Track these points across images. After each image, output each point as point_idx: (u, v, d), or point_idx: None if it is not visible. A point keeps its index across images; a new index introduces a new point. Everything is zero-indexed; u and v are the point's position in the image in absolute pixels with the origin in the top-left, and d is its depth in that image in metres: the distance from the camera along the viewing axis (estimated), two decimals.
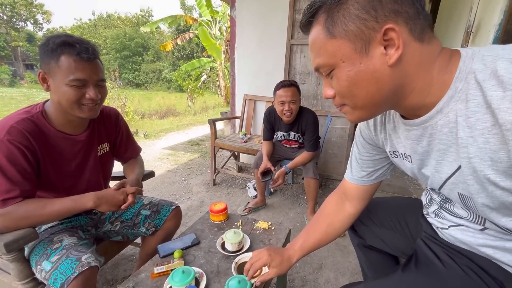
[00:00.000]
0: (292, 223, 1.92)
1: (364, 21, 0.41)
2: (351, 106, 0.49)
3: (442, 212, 0.61)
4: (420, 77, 0.44)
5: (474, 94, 0.40)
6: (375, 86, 0.45)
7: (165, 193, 2.35)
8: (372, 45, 0.42)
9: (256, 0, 2.43)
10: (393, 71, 0.43)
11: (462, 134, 0.43)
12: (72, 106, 0.82)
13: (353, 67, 0.44)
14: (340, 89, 0.48)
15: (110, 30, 25.96)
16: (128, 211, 1.10)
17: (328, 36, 0.44)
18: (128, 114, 5.97)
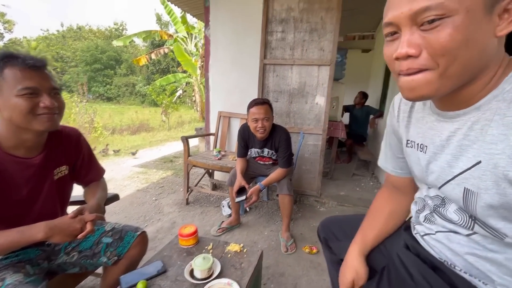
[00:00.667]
0: (267, 242, 1.90)
1: None
2: (441, 70, 0.42)
3: (434, 216, 0.60)
4: (496, 66, 0.44)
5: None
6: (481, 54, 0.41)
7: (133, 215, 2.21)
8: (497, 7, 0.39)
9: (230, 21, 2.49)
10: (496, 45, 0.41)
11: (494, 131, 0.43)
12: (27, 118, 0.75)
13: (474, 22, 0.38)
14: (446, 44, 0.39)
15: (81, 42, 24.99)
16: (87, 240, 1.01)
17: None
18: (96, 129, 5.67)
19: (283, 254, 1.76)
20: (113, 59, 23.23)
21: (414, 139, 0.61)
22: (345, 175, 3.40)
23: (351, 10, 3.93)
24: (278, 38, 2.34)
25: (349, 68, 5.07)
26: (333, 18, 2.18)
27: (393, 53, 0.45)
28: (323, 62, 2.27)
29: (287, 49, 2.34)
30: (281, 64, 2.37)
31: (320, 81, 2.33)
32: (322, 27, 2.23)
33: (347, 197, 2.65)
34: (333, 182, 3.13)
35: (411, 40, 0.42)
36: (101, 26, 29.97)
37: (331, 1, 2.16)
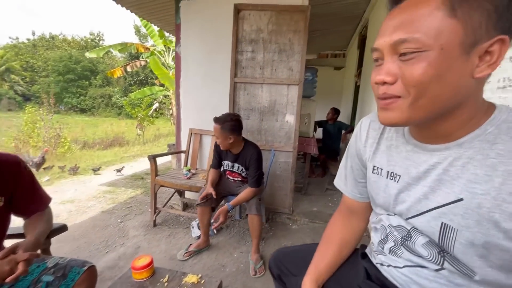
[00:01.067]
0: (236, 265, 1.84)
1: (488, 19, 0.38)
2: (412, 99, 0.44)
3: (401, 249, 0.59)
4: (473, 106, 0.45)
5: (504, 139, 0.43)
6: (452, 91, 0.42)
7: (94, 239, 2.07)
8: (475, 49, 0.39)
9: (201, 39, 2.51)
10: (471, 86, 0.42)
11: (478, 171, 0.44)
12: None
13: (448, 60, 0.40)
14: (417, 77, 0.41)
15: (53, 52, 23.99)
16: (24, 280, 0.91)
17: (447, 12, 0.39)
18: (64, 144, 5.35)
19: (251, 277, 1.71)
20: (88, 70, 22.47)
21: (383, 166, 0.61)
22: (319, 190, 3.44)
23: (322, 31, 4.13)
24: (248, 58, 2.38)
25: (322, 85, 5.27)
26: (301, 40, 2.27)
27: (374, 78, 0.48)
28: (292, 82, 2.33)
29: (257, 68, 2.38)
30: (252, 83, 2.40)
31: (290, 100, 2.38)
32: (290, 48, 2.30)
33: (319, 214, 2.67)
34: (306, 197, 3.15)
35: (389, 68, 0.45)
36: (76, 36, 29.02)
37: (298, 24, 2.25)
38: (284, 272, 0.87)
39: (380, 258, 0.66)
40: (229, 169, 2.00)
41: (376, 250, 0.68)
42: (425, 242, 0.54)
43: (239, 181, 2.03)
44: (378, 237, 0.67)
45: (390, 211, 0.61)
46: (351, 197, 0.76)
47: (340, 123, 3.95)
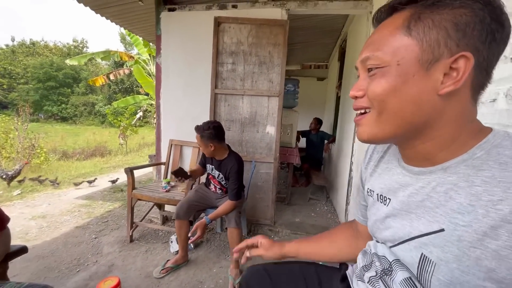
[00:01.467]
0: (215, 280, 1.79)
1: (447, 36, 0.39)
2: (376, 113, 0.46)
3: (379, 283, 0.56)
4: (451, 127, 0.43)
5: (492, 165, 0.39)
6: (413, 106, 0.42)
7: (65, 257, 1.96)
8: (437, 65, 0.40)
9: (181, 50, 2.50)
10: (437, 102, 0.41)
11: (462, 200, 0.41)
12: None
13: (404, 75, 0.41)
14: (376, 90, 0.44)
15: (34, 59, 23.26)
16: None
17: (404, 31, 0.42)
18: (39, 155, 5.12)
19: None
20: (70, 77, 21.93)
21: (375, 189, 0.60)
22: (302, 200, 3.45)
23: (303, 43, 4.24)
24: (229, 69, 2.39)
25: (306, 95, 5.37)
26: (280, 53, 2.31)
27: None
28: (272, 93, 2.35)
29: (237, 80, 2.39)
30: (232, 94, 2.41)
31: (270, 111, 2.39)
32: (270, 61, 2.34)
33: (301, 224, 2.66)
34: (289, 207, 3.15)
35: (360, 84, 0.48)
36: (59, 43, 28.28)
37: (277, 37, 2.29)
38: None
39: (359, 284, 0.63)
40: (211, 173, 1.99)
41: (358, 274, 0.66)
42: (404, 279, 0.49)
43: (219, 191, 2.00)
44: (363, 262, 0.64)
45: (377, 237, 0.59)
46: (356, 219, 0.77)
47: (323, 133, 4.01)
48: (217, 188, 2.01)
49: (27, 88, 21.21)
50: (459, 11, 0.39)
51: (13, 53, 24.99)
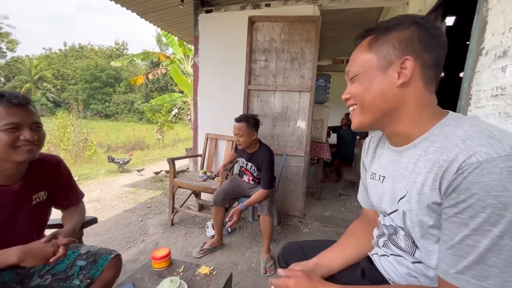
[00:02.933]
0: (248, 263, 1.92)
1: (394, 48, 0.57)
2: (359, 107, 0.63)
3: (389, 243, 0.70)
4: (413, 110, 0.58)
5: (441, 139, 0.53)
6: (381, 97, 0.59)
7: (118, 236, 2.24)
8: (391, 68, 0.57)
9: (217, 49, 2.66)
10: (396, 92, 0.58)
11: (421, 164, 0.55)
12: (7, 150, 0.84)
13: (370, 78, 0.60)
14: (355, 92, 0.63)
15: (82, 61, 25.61)
16: (61, 263, 1.06)
17: (367, 49, 0.60)
18: (90, 148, 5.73)
19: (262, 276, 1.78)
20: (113, 77, 23.71)
21: (377, 171, 0.72)
22: (332, 195, 3.46)
23: (335, 37, 4.18)
24: (262, 66, 2.50)
25: (338, 90, 5.27)
26: (312, 49, 2.35)
27: None
28: (303, 88, 2.41)
29: (270, 76, 2.49)
30: (265, 90, 2.51)
31: (301, 106, 2.46)
32: (302, 57, 2.39)
33: (330, 218, 2.70)
34: (319, 202, 3.18)
35: (348, 89, 0.66)
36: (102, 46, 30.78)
37: (309, 34, 2.34)
38: (289, 265, 0.95)
39: (376, 250, 0.76)
40: (244, 166, 2.14)
41: (374, 243, 0.78)
42: (404, 234, 0.64)
43: (252, 181, 2.13)
44: (377, 232, 0.77)
45: (381, 211, 0.72)
46: (364, 206, 0.87)
47: None
48: (250, 179, 2.14)
49: (76, 88, 23.44)
50: (401, 32, 0.57)
51: (65, 56, 27.77)
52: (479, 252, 0.45)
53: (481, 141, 0.46)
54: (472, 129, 0.49)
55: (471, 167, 0.45)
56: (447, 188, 0.49)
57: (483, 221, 0.44)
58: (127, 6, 2.82)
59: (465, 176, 0.45)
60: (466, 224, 0.46)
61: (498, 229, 0.43)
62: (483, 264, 0.44)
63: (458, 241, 0.47)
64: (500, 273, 0.43)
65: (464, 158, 0.46)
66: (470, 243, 0.46)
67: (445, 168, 0.49)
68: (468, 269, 0.46)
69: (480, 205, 0.44)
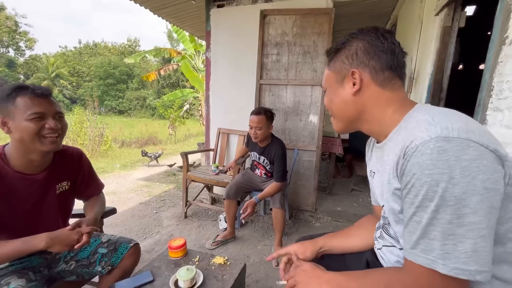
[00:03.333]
0: (259, 256, 1.95)
1: (344, 64, 0.65)
2: (332, 115, 0.72)
3: (383, 233, 0.73)
4: (375, 111, 0.64)
5: (403, 131, 0.57)
6: (344, 106, 0.67)
7: (133, 227, 2.32)
8: (345, 80, 0.65)
9: (229, 44, 2.66)
10: (354, 99, 0.65)
11: (390, 156, 0.59)
12: (34, 139, 0.89)
13: (332, 91, 0.69)
14: (326, 103, 0.73)
15: (96, 58, 26.21)
16: (84, 250, 1.11)
17: (327, 68, 0.70)
18: (106, 143, 5.90)
19: (274, 268, 1.81)
20: (125, 74, 24.16)
21: (372, 168, 0.77)
22: (344, 190, 3.43)
23: (348, 30, 4.09)
24: (274, 60, 2.49)
25: None
26: (325, 42, 2.32)
27: None
28: (316, 82, 2.39)
29: (282, 70, 2.48)
30: (276, 84, 2.50)
31: (314, 100, 2.44)
32: (315, 50, 2.36)
33: (342, 213, 2.68)
34: (331, 197, 3.17)
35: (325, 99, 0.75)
36: (115, 43, 31.34)
37: (322, 26, 2.31)
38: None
39: (375, 243, 0.80)
40: (256, 160, 2.16)
41: (374, 236, 0.82)
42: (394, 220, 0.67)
43: (264, 175, 2.15)
44: (377, 225, 0.81)
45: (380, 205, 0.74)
46: (372, 203, 0.87)
47: None
48: (263, 173, 2.15)
49: (91, 85, 24.05)
50: (347, 48, 0.65)
51: (80, 54, 28.48)
52: (422, 226, 0.49)
53: (421, 127, 0.50)
54: (419, 118, 0.54)
55: (411, 151, 0.50)
56: (400, 173, 0.54)
57: (423, 198, 0.48)
58: (140, 3, 2.86)
59: (408, 160, 0.50)
60: (412, 202, 0.50)
61: (434, 203, 0.46)
62: (427, 238, 0.48)
63: (409, 219, 0.51)
64: (440, 245, 0.46)
65: (408, 144, 0.51)
66: (416, 219, 0.50)
67: (399, 156, 0.54)
68: (417, 244, 0.50)
69: (419, 183, 0.48)
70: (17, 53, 26.11)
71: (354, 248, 0.86)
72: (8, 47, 25.29)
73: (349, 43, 0.65)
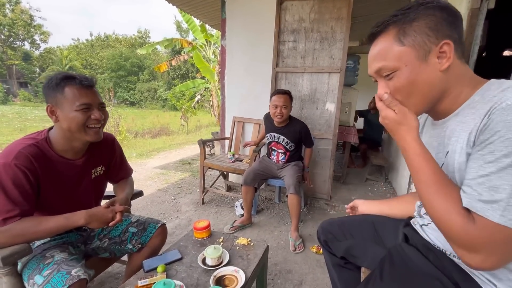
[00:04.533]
0: (276, 241, 1.99)
1: (428, 36, 0.57)
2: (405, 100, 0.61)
3: None
4: (457, 86, 0.60)
5: (482, 104, 0.54)
6: (428, 87, 0.59)
7: (154, 212, 2.40)
8: (430, 55, 0.57)
9: (244, 32, 2.65)
10: (442, 76, 0.59)
11: (460, 128, 0.58)
12: (80, 129, 0.94)
13: (413, 70, 0.58)
14: (399, 87, 0.60)
15: (107, 51, 26.52)
16: (116, 229, 1.17)
17: (398, 44, 0.59)
18: (121, 133, 6.04)
19: (291, 252, 1.85)
20: (136, 66, 24.39)
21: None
22: (358, 180, 3.42)
23: (365, 16, 3.98)
24: (290, 47, 2.46)
25: (365, 73, 5.07)
26: (343, 27, 2.27)
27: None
28: (333, 70, 2.35)
29: (298, 58, 2.45)
30: (293, 72, 2.49)
31: (330, 88, 2.41)
32: (332, 36, 2.32)
33: None
34: (345, 186, 3.17)
35: (383, 86, 0.63)
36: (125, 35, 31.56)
37: (341, 11, 2.25)
38: (330, 239, 1.00)
39: (418, 220, 0.79)
40: (275, 140, 2.20)
41: (416, 213, 0.82)
42: None
43: (281, 158, 2.20)
44: (419, 203, 0.81)
45: None
46: None
47: None
48: (280, 154, 2.19)
49: (103, 77, 24.46)
50: (428, 18, 0.57)
51: (92, 46, 28.88)
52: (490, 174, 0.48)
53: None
54: (508, 84, 0.53)
55: (498, 109, 0.48)
56: (478, 135, 0.52)
57: (500, 156, 0.47)
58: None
59: (492, 118, 0.49)
60: (484, 157, 0.49)
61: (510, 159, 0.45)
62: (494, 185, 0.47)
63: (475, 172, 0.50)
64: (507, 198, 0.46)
65: (494, 105, 0.50)
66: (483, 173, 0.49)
67: (479, 122, 0.52)
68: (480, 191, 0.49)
69: (500, 140, 0.47)
70: (33, 46, 26.74)
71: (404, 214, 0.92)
72: (24, 41, 25.91)
73: (425, 12, 0.57)
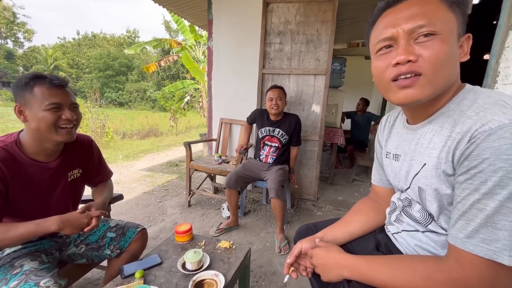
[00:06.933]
0: (262, 243, 1.99)
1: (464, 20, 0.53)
2: (431, 76, 0.51)
3: (402, 216, 0.70)
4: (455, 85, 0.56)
5: (457, 114, 0.53)
6: (454, 69, 0.54)
7: (138, 215, 2.35)
8: (461, 39, 0.54)
9: (231, 33, 2.64)
10: (458, 66, 0.55)
11: (436, 140, 0.55)
12: (50, 129, 0.90)
13: (453, 44, 0.52)
14: (435, 54, 0.50)
15: (95, 50, 25.95)
16: (93, 234, 1.14)
17: (447, 8, 0.51)
18: (108, 134, 5.91)
19: (276, 254, 1.85)
20: (125, 66, 24.00)
21: (391, 150, 0.73)
22: (345, 181, 3.46)
23: (352, 19, 4.04)
24: (276, 49, 2.47)
25: (352, 75, 5.15)
26: (328, 30, 2.30)
27: (389, 62, 0.55)
28: (319, 72, 2.37)
29: (284, 60, 2.46)
30: (279, 74, 2.49)
31: (316, 90, 2.43)
32: (318, 39, 2.34)
33: (344, 202, 2.72)
34: (332, 187, 3.20)
35: (410, 50, 0.52)
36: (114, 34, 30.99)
37: (326, 14, 2.28)
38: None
39: (389, 228, 0.77)
40: (269, 134, 2.22)
41: (387, 222, 0.79)
42: (420, 208, 0.64)
43: (272, 154, 2.21)
44: (389, 209, 0.78)
45: (398, 188, 0.73)
46: (376, 183, 0.86)
47: (370, 114, 3.88)
48: (272, 149, 2.21)
49: (90, 77, 23.93)
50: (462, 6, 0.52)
51: (79, 45, 28.22)
52: (487, 214, 0.44)
53: (494, 111, 0.46)
54: (486, 101, 0.49)
55: (483, 134, 0.45)
56: (460, 157, 0.49)
57: (494, 185, 0.43)
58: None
59: (477, 143, 0.46)
60: (477, 189, 0.46)
61: (507, 191, 0.42)
62: (491, 227, 0.44)
63: (469, 207, 0.47)
64: (508, 236, 0.43)
65: (477, 128, 0.46)
66: (479, 207, 0.45)
67: (458, 140, 0.49)
68: (476, 233, 0.46)
69: (491, 169, 0.44)
70: (16, 44, 25.87)
71: (355, 236, 0.83)
72: (7, 39, 25.07)
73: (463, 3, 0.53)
